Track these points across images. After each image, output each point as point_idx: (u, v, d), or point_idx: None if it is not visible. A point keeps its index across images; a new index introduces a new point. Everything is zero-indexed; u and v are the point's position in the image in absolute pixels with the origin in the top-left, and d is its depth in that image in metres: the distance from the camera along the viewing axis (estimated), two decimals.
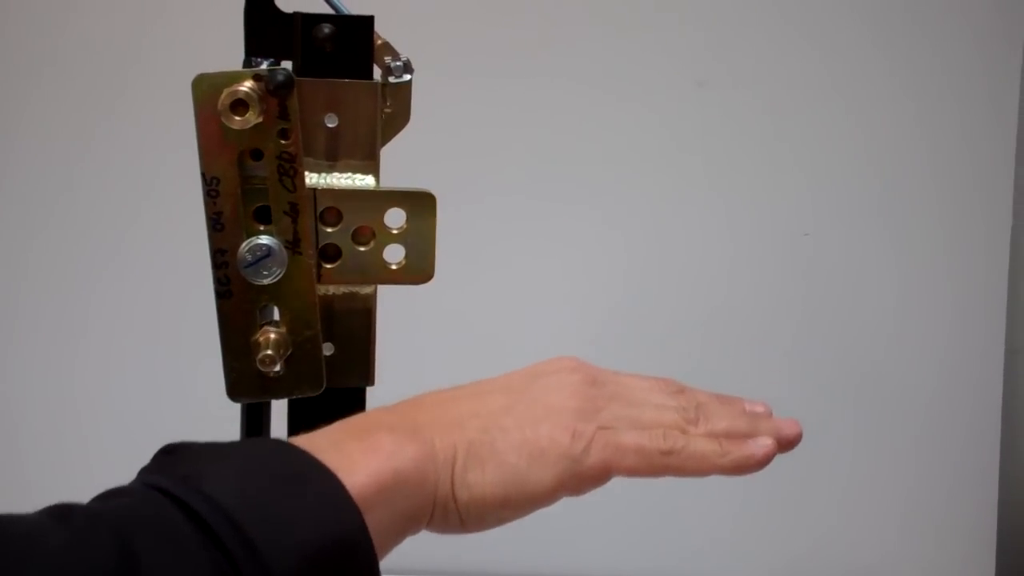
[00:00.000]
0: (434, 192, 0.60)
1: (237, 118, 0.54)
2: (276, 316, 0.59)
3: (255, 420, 0.62)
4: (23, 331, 1.21)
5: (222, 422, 0.60)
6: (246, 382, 0.58)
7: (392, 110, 0.61)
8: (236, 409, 0.61)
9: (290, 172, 0.56)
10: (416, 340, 1.10)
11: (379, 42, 0.60)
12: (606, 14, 1.17)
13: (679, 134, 1.19)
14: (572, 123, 1.18)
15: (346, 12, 0.59)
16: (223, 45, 0.62)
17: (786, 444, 0.55)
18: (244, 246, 0.56)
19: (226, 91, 0.54)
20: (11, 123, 1.18)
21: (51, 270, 1.20)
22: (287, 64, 0.60)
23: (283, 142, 0.56)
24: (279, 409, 0.61)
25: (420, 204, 0.59)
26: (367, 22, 0.59)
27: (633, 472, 0.52)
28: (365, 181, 0.59)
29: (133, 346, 1.20)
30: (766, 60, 1.18)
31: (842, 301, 1.22)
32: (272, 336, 0.57)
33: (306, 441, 0.46)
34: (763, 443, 0.54)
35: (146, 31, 1.16)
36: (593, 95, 1.18)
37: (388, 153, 0.61)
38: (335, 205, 0.58)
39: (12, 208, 1.19)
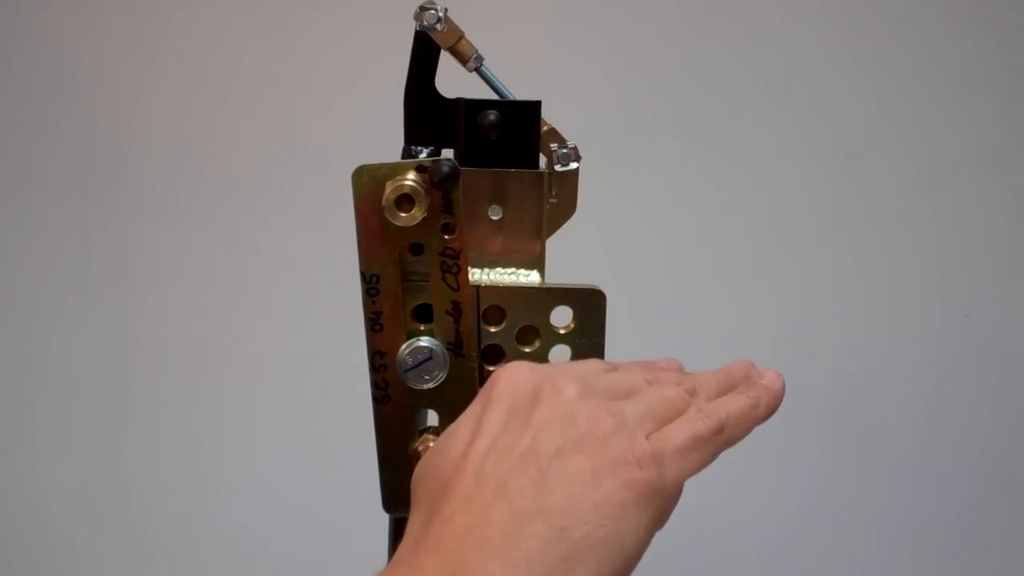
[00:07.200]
0: (602, 288, 0.55)
1: (403, 214, 0.50)
2: (433, 422, 0.55)
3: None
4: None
5: None
6: (404, 494, 0.53)
7: (558, 199, 0.57)
8: None
9: (453, 269, 0.53)
10: None
11: (545, 128, 0.56)
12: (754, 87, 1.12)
13: (830, 206, 1.13)
14: (724, 196, 1.13)
15: (512, 97, 0.56)
16: (379, 132, 0.59)
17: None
18: (404, 348, 0.52)
19: (391, 186, 0.50)
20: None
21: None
22: (447, 153, 0.57)
23: (446, 237, 0.52)
24: None
25: (589, 302, 0.55)
26: (534, 108, 0.55)
27: (699, 469, 0.45)
28: (530, 277, 0.55)
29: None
30: (921, 131, 1.11)
31: (1003, 385, 1.13)
32: (432, 446, 0.53)
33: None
34: (772, 376, 0.51)
35: (302, 118, 1.15)
36: (741, 168, 1.13)
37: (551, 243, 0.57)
38: (499, 303, 0.54)
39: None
